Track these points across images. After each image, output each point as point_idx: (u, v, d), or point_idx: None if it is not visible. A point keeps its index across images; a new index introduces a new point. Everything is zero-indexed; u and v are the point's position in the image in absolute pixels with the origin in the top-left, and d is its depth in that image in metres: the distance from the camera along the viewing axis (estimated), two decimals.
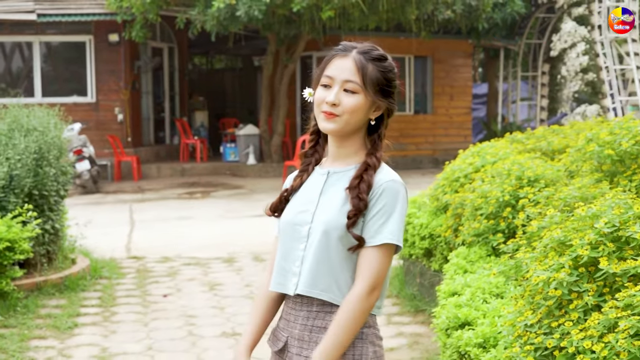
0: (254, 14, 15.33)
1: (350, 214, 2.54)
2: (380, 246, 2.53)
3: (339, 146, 2.67)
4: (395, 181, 2.63)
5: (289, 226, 2.66)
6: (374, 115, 2.66)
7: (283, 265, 2.66)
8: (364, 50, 2.68)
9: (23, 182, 7.62)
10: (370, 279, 2.52)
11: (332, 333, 2.51)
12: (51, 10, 17.85)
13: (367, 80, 2.60)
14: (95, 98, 18.83)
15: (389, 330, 6.54)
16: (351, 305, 2.51)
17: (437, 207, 7.00)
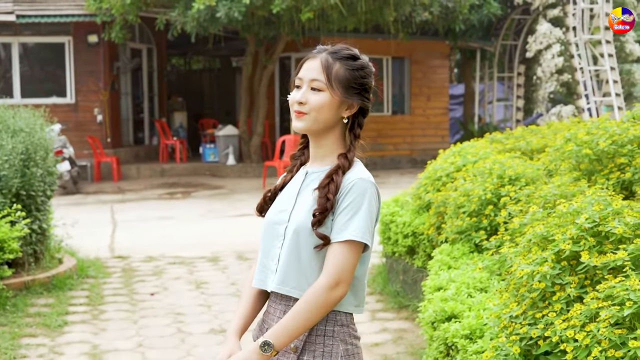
0: (233, 16, 15.45)
1: (315, 212, 2.58)
2: (345, 242, 2.55)
3: (316, 146, 2.73)
4: (364, 179, 2.64)
5: (269, 225, 2.72)
6: (346, 114, 2.69)
7: (264, 262, 2.73)
8: (333, 51, 2.75)
9: (10, 182, 7.71)
10: (333, 274, 2.54)
11: (287, 318, 2.55)
12: (30, 12, 17.88)
13: (332, 78, 2.65)
14: (74, 99, 18.87)
15: (374, 326, 6.70)
16: (310, 296, 2.54)
17: (420, 205, 7.16)
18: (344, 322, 2.64)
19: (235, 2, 15.41)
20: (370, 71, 2.78)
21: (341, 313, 2.64)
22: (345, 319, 2.65)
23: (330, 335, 2.62)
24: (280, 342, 2.53)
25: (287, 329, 2.54)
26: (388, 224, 7.54)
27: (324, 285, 2.54)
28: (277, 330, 2.54)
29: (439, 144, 21.44)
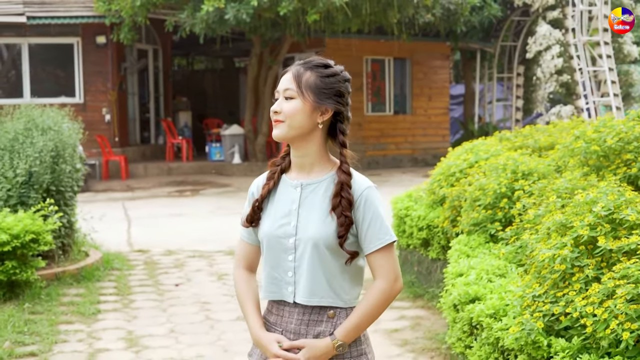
0: (241, 17, 15.81)
1: (340, 234, 2.74)
2: (386, 246, 2.77)
3: (297, 155, 2.84)
4: (371, 187, 2.81)
5: (273, 239, 2.82)
6: (321, 119, 2.78)
7: (274, 275, 2.84)
8: (305, 61, 2.85)
9: (41, 178, 8.08)
10: (391, 273, 2.78)
11: (355, 318, 2.75)
12: (41, 13, 18.23)
13: (302, 85, 2.76)
14: (83, 99, 19.21)
15: (391, 314, 7.06)
16: (377, 293, 2.76)
17: (434, 200, 7.53)
18: None
19: (243, 4, 15.77)
20: (343, 78, 2.84)
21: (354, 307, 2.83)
22: None
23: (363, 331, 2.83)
24: (350, 340, 2.77)
25: (357, 328, 2.76)
26: (403, 217, 7.91)
27: (388, 286, 2.77)
28: (349, 331, 2.74)
29: (439, 143, 21.84)
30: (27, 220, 7.31)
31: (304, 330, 2.79)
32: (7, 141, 8.37)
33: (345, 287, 2.80)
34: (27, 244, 7.24)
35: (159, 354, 6.09)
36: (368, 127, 21.02)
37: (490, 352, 4.26)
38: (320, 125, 2.79)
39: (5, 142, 8.36)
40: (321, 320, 2.79)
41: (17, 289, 7.35)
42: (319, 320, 2.79)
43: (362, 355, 2.82)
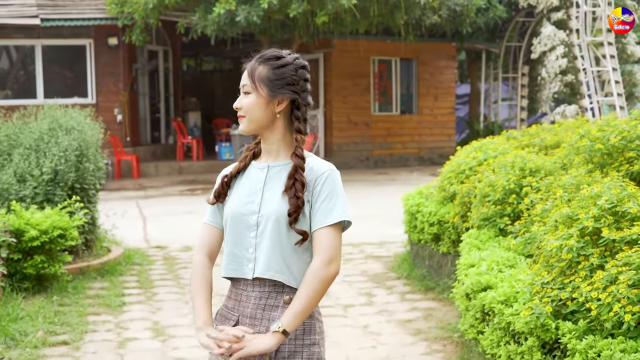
0: (252, 19, 16.14)
1: (290, 211, 2.82)
2: (332, 225, 2.82)
3: (265, 142, 2.95)
4: (334, 170, 2.89)
5: (237, 216, 2.90)
6: (278, 109, 2.88)
7: (235, 252, 2.90)
8: (259, 55, 2.95)
9: (66, 176, 8.41)
10: (326, 253, 2.81)
11: (297, 302, 2.79)
12: (54, 15, 18.56)
13: (255, 79, 2.87)
14: (95, 99, 19.54)
15: (404, 305, 7.39)
16: (309, 278, 2.80)
17: (444, 196, 7.85)
18: None
19: (253, 6, 16.10)
20: (296, 66, 2.92)
21: None
22: None
23: (309, 315, 2.87)
24: (293, 326, 2.79)
25: (297, 314, 2.78)
26: (414, 213, 8.22)
27: (319, 264, 2.80)
28: (289, 318, 2.77)
29: (445, 142, 22.16)
30: (54, 217, 7.64)
31: (260, 315, 2.85)
32: (33, 141, 8.70)
33: (300, 266, 2.85)
34: (54, 239, 7.57)
35: (185, 342, 6.41)
36: (375, 126, 21.33)
37: (501, 336, 4.58)
38: (278, 115, 2.89)
39: (30, 141, 8.70)
40: (277, 306, 2.85)
41: (45, 282, 7.68)
42: (274, 306, 2.84)
43: (314, 344, 2.87)
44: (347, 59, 20.63)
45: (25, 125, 9.16)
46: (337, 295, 7.79)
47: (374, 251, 9.90)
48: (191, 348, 6.25)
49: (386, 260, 9.31)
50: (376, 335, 6.54)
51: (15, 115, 9.41)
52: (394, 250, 9.79)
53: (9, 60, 20.40)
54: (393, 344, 6.34)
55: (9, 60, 20.40)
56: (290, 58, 2.93)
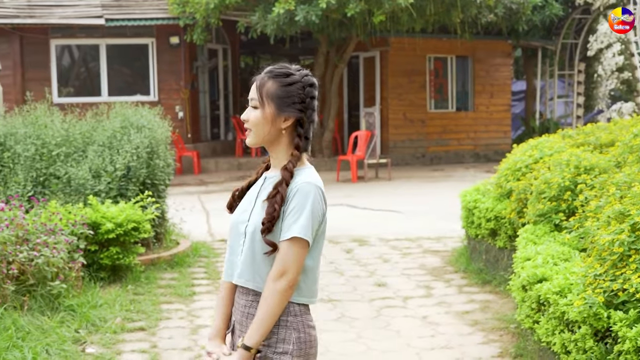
0: (311, 19, 16.48)
1: (263, 221, 2.87)
2: (290, 240, 2.84)
3: (272, 156, 3.03)
4: (309, 183, 2.89)
5: (234, 224, 3.02)
6: (284, 125, 2.93)
7: (230, 258, 3.03)
8: (268, 70, 2.97)
9: (138, 172, 8.85)
10: (279, 266, 2.84)
11: (256, 315, 2.87)
12: (118, 15, 19.14)
13: (263, 94, 2.92)
14: (157, 97, 20.09)
15: (461, 297, 7.68)
16: (265, 289, 2.86)
17: (501, 193, 8.12)
18: (297, 313, 2.91)
19: (312, 6, 16.44)
20: (304, 84, 2.96)
21: (294, 304, 2.91)
22: (299, 309, 2.92)
23: (284, 325, 2.89)
24: (253, 341, 2.86)
25: (255, 328, 2.86)
26: (471, 209, 8.50)
27: (270, 277, 2.86)
28: (249, 332, 2.87)
29: (501, 139, 22.29)
30: (128, 211, 8.08)
31: (245, 323, 2.96)
32: (106, 138, 9.16)
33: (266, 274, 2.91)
34: (129, 232, 8.01)
35: None
36: (431, 123, 21.56)
37: (556, 325, 4.86)
38: (283, 131, 2.95)
39: (104, 139, 9.15)
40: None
41: (120, 273, 8.13)
42: (254, 315, 2.91)
43: (285, 354, 2.89)
44: (403, 56, 20.89)
45: (98, 123, 9.62)
46: (397, 287, 8.11)
47: (431, 246, 10.19)
48: None
49: (443, 255, 9.60)
50: (435, 325, 6.85)
51: (89, 114, 9.87)
52: (450, 245, 10.07)
53: (71, 59, 21.04)
54: (451, 333, 6.64)
55: (71, 59, 21.04)
56: (299, 75, 2.96)
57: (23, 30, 19.21)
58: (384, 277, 8.59)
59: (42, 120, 9.36)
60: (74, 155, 8.97)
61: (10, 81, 18.88)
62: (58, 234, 7.20)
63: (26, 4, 19.54)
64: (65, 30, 19.55)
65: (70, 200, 8.54)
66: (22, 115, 9.85)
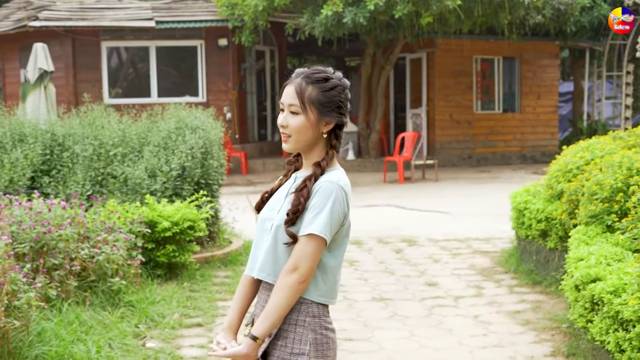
0: (358, 21, 16.60)
1: (288, 212, 2.91)
2: (307, 236, 2.88)
3: (305, 158, 3.05)
4: (331, 182, 2.91)
5: (262, 221, 3.06)
6: (325, 129, 2.98)
7: (254, 253, 3.08)
8: (306, 75, 2.97)
9: (193, 172, 9.05)
10: (291, 261, 2.88)
11: (266, 307, 2.92)
12: (168, 18, 19.44)
13: (305, 101, 2.93)
14: (205, 98, 20.35)
15: (512, 297, 7.75)
16: (277, 282, 2.90)
17: (551, 194, 8.17)
18: (315, 314, 2.94)
19: (360, 8, 16.56)
20: (342, 87, 3.00)
21: (313, 305, 2.94)
22: (317, 310, 2.95)
23: (301, 324, 2.92)
24: (260, 331, 2.89)
25: (263, 319, 2.90)
26: (522, 210, 8.56)
27: (283, 271, 2.89)
28: (257, 323, 2.92)
29: (548, 141, 22.21)
30: (184, 210, 8.27)
31: None
32: (161, 139, 9.37)
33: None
34: (184, 230, 8.20)
35: None
36: (477, 124, 21.55)
37: (610, 324, 4.93)
38: (324, 135, 3.00)
39: (159, 139, 9.36)
40: None
41: (175, 270, 8.32)
42: None
43: (302, 355, 2.92)
44: (449, 58, 20.92)
45: (153, 124, 9.84)
46: (448, 287, 8.20)
47: (480, 246, 10.25)
48: None
49: (493, 255, 9.66)
50: (487, 325, 6.93)
51: (144, 115, 10.09)
52: (500, 246, 10.13)
53: (119, 60, 21.38)
54: (503, 332, 6.72)
55: (119, 60, 21.38)
56: (337, 79, 3.00)
57: (75, 33, 19.59)
58: (435, 277, 8.68)
59: (99, 121, 9.60)
60: (130, 156, 9.19)
61: (62, 82, 19.27)
62: (117, 232, 7.40)
63: (78, 7, 19.93)
64: (115, 32, 19.89)
65: (127, 199, 8.76)
66: (79, 116, 10.10)
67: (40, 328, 5.76)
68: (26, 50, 18.50)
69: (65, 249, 6.76)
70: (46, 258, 6.59)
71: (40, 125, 9.71)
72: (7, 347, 5.36)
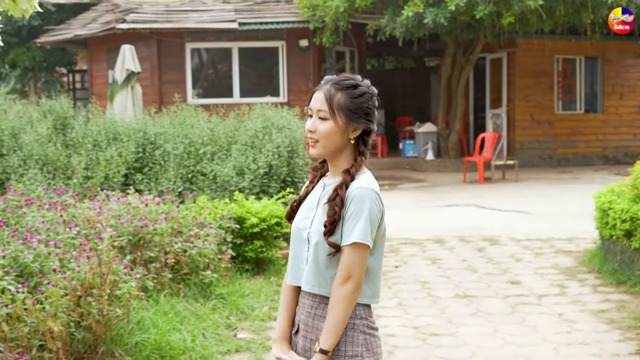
0: (439, 21, 16.66)
1: (325, 223, 2.94)
2: (351, 245, 2.92)
3: (331, 164, 3.08)
4: (362, 188, 2.95)
5: (296, 231, 3.10)
6: (353, 135, 3.01)
7: (296, 263, 3.10)
8: (336, 81, 3.04)
9: (279, 170, 9.29)
10: (342, 272, 2.93)
11: (327, 319, 2.95)
12: (250, 20, 19.79)
13: (334, 107, 2.98)
14: (286, 98, 20.65)
15: (596, 297, 7.78)
16: (332, 294, 2.95)
17: (637, 194, 8.16)
18: (362, 316, 3.00)
19: (441, 8, 16.62)
20: (370, 95, 3.06)
21: (359, 307, 3.00)
22: (364, 312, 3.01)
23: (351, 327, 2.97)
24: (328, 344, 2.95)
25: (328, 332, 2.94)
26: (606, 210, 8.57)
27: (336, 283, 2.94)
28: (323, 336, 2.96)
29: (631, 141, 21.91)
30: (271, 206, 8.51)
31: (311, 323, 3.05)
32: (248, 138, 9.64)
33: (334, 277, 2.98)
34: (272, 226, 8.44)
35: (393, 321, 7.08)
36: (559, 125, 21.38)
37: None
38: (352, 141, 3.04)
39: (246, 138, 9.63)
40: (322, 316, 3.02)
41: (263, 265, 8.57)
42: (322, 316, 3.02)
43: (356, 356, 2.98)
44: (530, 57, 20.81)
45: (240, 123, 10.12)
46: (531, 286, 8.27)
47: (563, 246, 10.26)
48: (400, 327, 6.91)
49: (576, 255, 9.67)
50: (571, 323, 6.99)
51: (232, 115, 10.38)
52: (583, 246, 10.12)
53: (200, 61, 21.80)
54: (587, 330, 6.77)
55: (200, 61, 21.80)
56: (365, 86, 3.06)
57: (160, 35, 20.09)
58: (517, 275, 8.75)
59: (189, 120, 9.91)
60: (219, 154, 9.48)
61: (148, 83, 19.79)
62: (208, 227, 7.68)
63: (164, 9, 20.44)
64: (199, 34, 20.33)
65: (216, 196, 9.05)
66: (169, 115, 10.44)
67: (139, 317, 6.05)
68: (113, 52, 19.11)
69: (160, 243, 7.06)
70: (143, 251, 6.90)
71: (133, 125, 10.07)
72: (109, 334, 5.66)
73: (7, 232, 6.24)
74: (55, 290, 5.23)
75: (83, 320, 5.51)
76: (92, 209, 7.20)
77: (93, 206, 7.33)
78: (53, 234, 6.28)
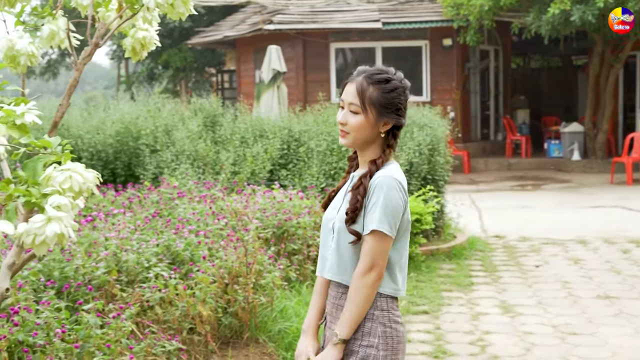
0: (587, 19, 16.32)
1: (347, 211, 2.96)
2: (370, 233, 2.91)
3: (360, 155, 3.08)
4: (386, 176, 2.93)
5: (325, 221, 3.12)
6: (383, 129, 3.00)
7: (323, 253, 3.12)
8: (368, 75, 3.01)
9: (420, 168, 9.39)
10: (363, 261, 2.92)
11: (346, 309, 2.95)
12: (394, 19, 19.94)
13: (366, 101, 2.96)
14: (430, 97, 20.68)
15: None
16: (352, 284, 2.94)
17: None
18: (384, 307, 2.96)
19: (589, 5, 16.28)
20: (403, 90, 3.03)
21: (382, 298, 2.97)
22: (386, 304, 2.98)
23: (370, 318, 2.95)
24: (345, 333, 2.95)
25: (346, 321, 2.94)
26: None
27: (358, 272, 2.93)
28: (341, 326, 2.95)
29: None
30: (412, 203, 8.63)
31: (335, 313, 3.05)
32: None
33: (354, 266, 2.97)
34: (412, 223, 8.55)
35: (531, 319, 7.08)
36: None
37: None
38: (382, 134, 3.02)
39: None
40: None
41: None
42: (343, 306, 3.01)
43: (371, 347, 2.95)
44: None
45: None
46: None
47: None
48: (538, 325, 6.91)
49: None
50: None
51: None
52: None
53: (344, 60, 22.08)
54: None
55: (344, 60, 22.08)
56: (398, 80, 3.02)
57: (306, 35, 20.51)
58: None
59: (332, 118, 10.14)
60: None
61: (293, 82, 20.23)
62: None
63: (309, 10, 20.86)
64: (343, 34, 20.64)
65: None
66: (312, 114, 10.72)
67: (282, 306, 6.29)
68: (260, 52, 19.65)
69: (303, 236, 7.30)
70: (286, 243, 7.16)
71: (278, 123, 10.40)
72: (254, 321, 5.92)
73: (160, 223, 6.64)
74: (204, 277, 5.53)
75: (230, 307, 5.79)
76: (239, 202, 7.53)
77: (240, 199, 7.66)
78: (203, 225, 6.65)
